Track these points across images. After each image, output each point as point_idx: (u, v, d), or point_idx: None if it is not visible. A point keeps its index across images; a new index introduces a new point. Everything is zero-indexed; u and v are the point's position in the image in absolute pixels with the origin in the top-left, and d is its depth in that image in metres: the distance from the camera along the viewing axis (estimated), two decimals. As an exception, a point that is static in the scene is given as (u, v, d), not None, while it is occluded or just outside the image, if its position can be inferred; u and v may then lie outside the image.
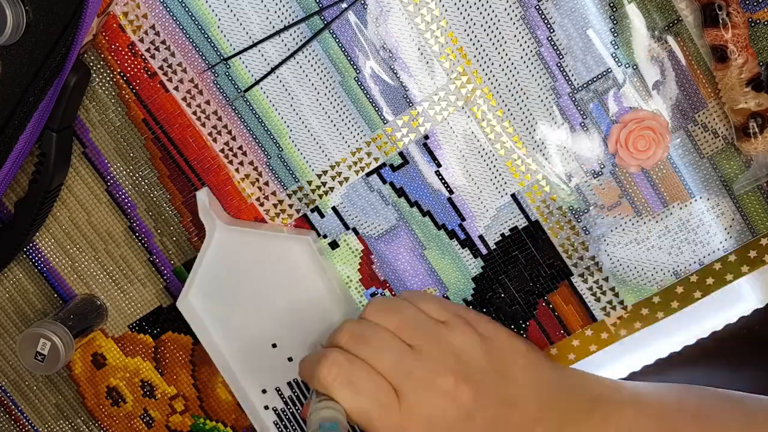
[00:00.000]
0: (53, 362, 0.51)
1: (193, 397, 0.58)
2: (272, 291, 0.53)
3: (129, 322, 0.57)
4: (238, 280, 0.53)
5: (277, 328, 0.54)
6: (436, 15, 0.48)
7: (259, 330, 0.54)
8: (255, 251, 0.52)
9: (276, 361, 0.55)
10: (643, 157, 0.48)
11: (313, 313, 0.53)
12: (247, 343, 0.54)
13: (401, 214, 0.52)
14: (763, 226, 0.50)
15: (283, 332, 0.54)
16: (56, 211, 0.54)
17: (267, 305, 0.53)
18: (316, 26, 0.49)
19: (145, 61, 0.50)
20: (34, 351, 0.51)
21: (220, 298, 0.53)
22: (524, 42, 0.48)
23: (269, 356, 0.54)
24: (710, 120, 0.48)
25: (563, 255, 0.52)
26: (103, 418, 0.60)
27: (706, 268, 0.51)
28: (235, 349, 0.54)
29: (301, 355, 0.54)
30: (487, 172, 0.51)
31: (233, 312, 0.54)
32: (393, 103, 0.50)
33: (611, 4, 0.46)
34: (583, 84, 0.48)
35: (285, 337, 0.54)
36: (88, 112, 0.52)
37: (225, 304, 0.53)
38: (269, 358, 0.54)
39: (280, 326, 0.54)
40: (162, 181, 0.53)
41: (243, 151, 0.52)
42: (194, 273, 0.52)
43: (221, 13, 0.49)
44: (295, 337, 0.54)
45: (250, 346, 0.54)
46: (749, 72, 0.44)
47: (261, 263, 0.52)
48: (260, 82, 0.50)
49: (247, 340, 0.54)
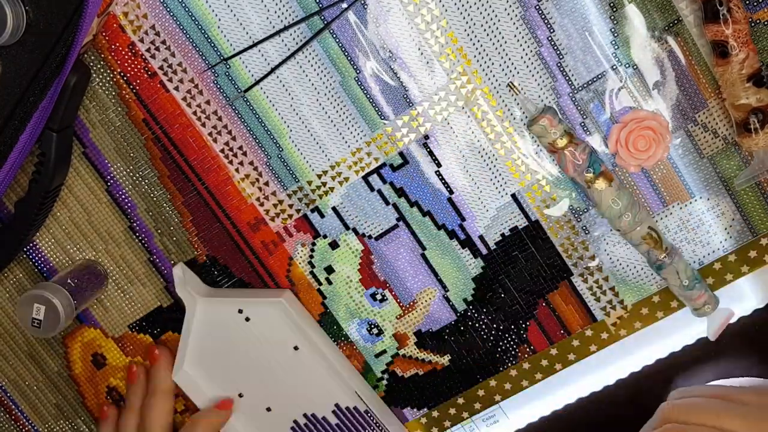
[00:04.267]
0: (53, 324, 0.51)
1: (193, 397, 0.58)
2: (258, 354, 0.54)
3: (129, 322, 0.57)
4: (226, 346, 0.54)
5: (269, 391, 0.55)
6: (436, 15, 0.48)
7: (252, 394, 0.55)
8: (236, 318, 0.53)
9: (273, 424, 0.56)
10: (643, 157, 0.48)
11: (298, 372, 0.54)
12: (244, 407, 0.56)
13: (401, 214, 0.52)
14: (763, 226, 0.50)
15: (275, 394, 0.55)
16: (56, 211, 0.54)
17: (256, 370, 0.55)
18: (316, 26, 0.49)
19: (146, 61, 0.50)
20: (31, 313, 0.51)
21: (213, 366, 0.55)
22: (524, 42, 0.48)
23: (266, 419, 0.56)
24: (710, 120, 0.48)
25: (563, 255, 0.52)
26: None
27: (706, 268, 0.51)
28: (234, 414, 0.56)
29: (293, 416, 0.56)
30: (487, 172, 0.51)
31: (227, 378, 0.55)
32: (393, 103, 0.50)
33: (611, 4, 0.46)
34: (583, 84, 0.48)
35: (278, 398, 0.55)
36: (88, 112, 0.52)
37: (218, 372, 0.55)
38: (266, 421, 0.56)
39: (271, 389, 0.55)
40: (162, 181, 0.53)
41: (243, 151, 0.52)
42: (183, 346, 0.54)
43: (221, 13, 0.49)
44: (286, 398, 0.55)
45: (247, 411, 0.56)
46: (750, 68, 0.44)
47: (244, 329, 0.54)
48: (260, 82, 0.50)
49: (243, 405, 0.56)
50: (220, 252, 0.54)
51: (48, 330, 0.51)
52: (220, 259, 0.54)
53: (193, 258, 0.55)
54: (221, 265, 0.55)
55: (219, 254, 0.54)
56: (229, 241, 0.54)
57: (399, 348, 0.56)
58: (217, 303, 0.53)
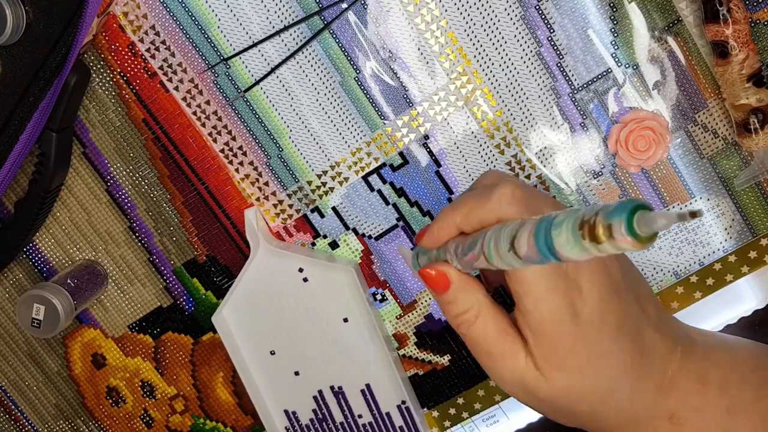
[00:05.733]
0: (53, 324, 0.51)
1: (193, 397, 0.58)
2: (304, 319, 0.53)
3: (129, 322, 0.57)
4: (274, 303, 0.53)
5: (302, 356, 0.54)
6: (436, 15, 0.48)
7: (285, 355, 0.54)
8: (294, 276, 0.52)
9: (296, 388, 0.55)
10: (643, 157, 0.48)
11: (340, 345, 0.53)
12: (272, 366, 0.55)
13: (401, 214, 0.52)
14: (763, 227, 0.50)
15: (308, 360, 0.54)
16: (56, 211, 0.54)
17: (297, 333, 0.54)
18: (316, 26, 0.49)
19: (145, 61, 0.50)
20: (31, 313, 0.51)
21: (253, 317, 0.54)
22: (524, 42, 0.48)
23: (292, 382, 0.55)
24: (710, 120, 0.48)
25: (563, 255, 0.52)
26: (103, 418, 0.60)
27: (706, 269, 0.51)
28: (260, 369, 0.55)
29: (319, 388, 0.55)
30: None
31: (264, 333, 0.54)
32: (393, 103, 0.50)
33: (611, 4, 0.46)
34: (583, 84, 0.48)
35: (310, 365, 0.54)
36: (88, 112, 0.52)
37: (257, 324, 0.54)
38: (291, 384, 0.55)
39: (306, 354, 0.54)
40: (162, 181, 0.53)
41: (243, 151, 0.52)
42: (232, 290, 0.53)
43: (221, 13, 0.49)
44: (318, 367, 0.54)
45: (274, 370, 0.55)
46: (750, 68, 0.44)
47: (298, 289, 0.53)
48: (260, 82, 0.50)
49: (272, 363, 0.55)
50: (220, 252, 0.54)
51: (48, 330, 0.51)
52: (220, 259, 0.54)
53: (193, 258, 0.55)
54: (221, 265, 0.55)
55: (219, 254, 0.54)
56: (229, 241, 0.54)
57: (399, 348, 0.56)
58: (280, 255, 0.52)
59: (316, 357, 0.54)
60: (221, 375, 0.57)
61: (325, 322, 0.53)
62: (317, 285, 0.52)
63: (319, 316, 0.53)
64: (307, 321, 0.53)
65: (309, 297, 0.52)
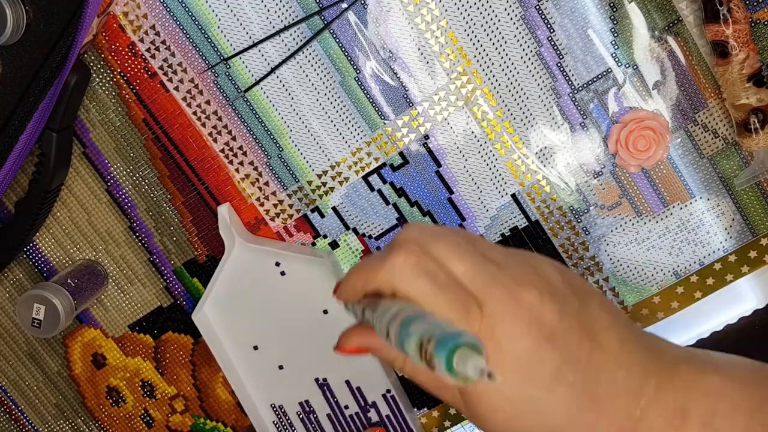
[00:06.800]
0: (53, 324, 0.51)
1: (193, 397, 0.58)
2: (285, 312, 0.53)
3: (129, 322, 0.57)
4: (254, 298, 0.53)
5: (285, 350, 0.54)
6: (436, 15, 0.48)
7: (268, 349, 0.54)
8: (272, 270, 0.52)
9: (281, 382, 0.55)
10: (643, 157, 0.48)
11: (322, 337, 0.53)
12: (256, 361, 0.55)
13: (401, 214, 0.52)
14: (763, 226, 0.50)
15: (291, 354, 0.54)
16: (56, 211, 0.54)
17: (278, 327, 0.54)
18: (316, 26, 0.49)
19: (146, 61, 0.50)
20: (31, 313, 0.51)
21: (234, 314, 0.54)
22: (524, 42, 0.48)
23: (276, 377, 0.55)
24: (710, 120, 0.48)
25: (563, 255, 0.52)
26: (103, 418, 0.60)
27: (707, 268, 0.51)
28: (244, 365, 0.55)
29: (304, 381, 0.55)
30: (487, 172, 0.51)
31: (246, 329, 0.54)
32: (393, 103, 0.50)
33: (611, 4, 0.46)
34: (583, 84, 0.48)
35: (294, 358, 0.54)
36: (88, 112, 0.52)
37: (238, 320, 0.54)
38: (276, 378, 0.55)
39: (289, 348, 0.54)
40: (162, 181, 0.53)
41: (243, 151, 0.52)
42: (211, 286, 0.53)
43: (221, 13, 0.49)
44: (302, 360, 0.54)
45: (258, 365, 0.55)
46: (750, 67, 0.44)
47: (276, 283, 0.53)
48: (260, 82, 0.50)
49: (256, 358, 0.55)
50: (220, 252, 0.54)
51: (48, 330, 0.51)
52: (221, 259, 0.54)
53: (193, 258, 0.55)
54: (221, 265, 0.55)
55: (219, 254, 0.54)
56: (229, 241, 0.54)
57: (399, 348, 0.56)
58: (256, 251, 0.52)
59: (299, 350, 0.54)
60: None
61: (305, 314, 0.53)
62: (295, 278, 0.52)
63: (299, 309, 0.53)
64: (288, 314, 0.53)
65: (288, 291, 0.53)
